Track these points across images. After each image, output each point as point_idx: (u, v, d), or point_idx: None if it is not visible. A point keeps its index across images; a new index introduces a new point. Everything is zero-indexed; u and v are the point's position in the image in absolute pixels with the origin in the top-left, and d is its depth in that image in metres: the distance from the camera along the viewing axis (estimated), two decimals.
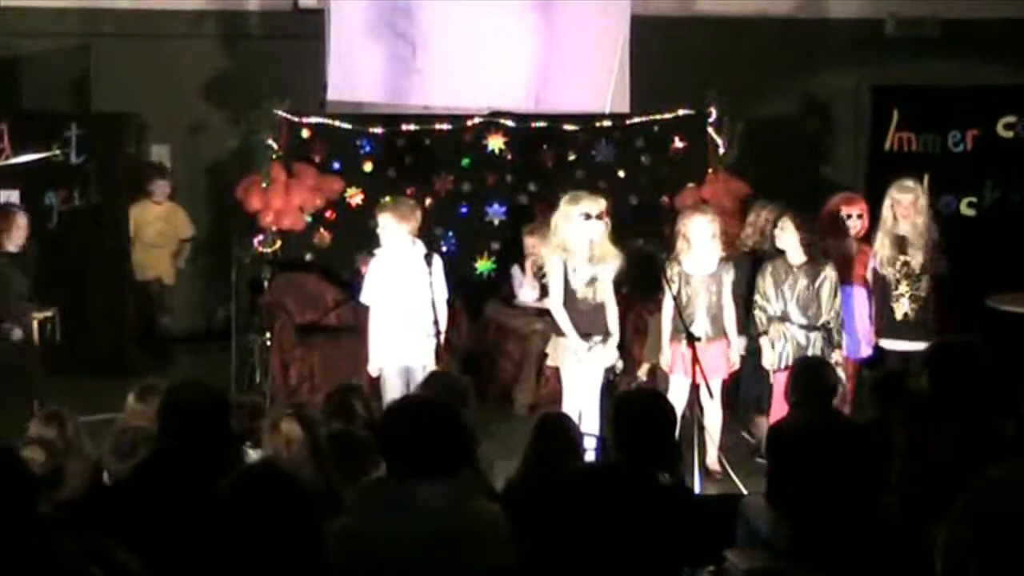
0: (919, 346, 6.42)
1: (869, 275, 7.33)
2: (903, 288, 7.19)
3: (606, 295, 6.63)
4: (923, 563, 2.15)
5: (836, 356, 6.77)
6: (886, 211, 7.25)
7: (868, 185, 9.16)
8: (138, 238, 9.68)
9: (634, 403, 3.95)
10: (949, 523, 1.89)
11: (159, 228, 9.78)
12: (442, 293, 6.90)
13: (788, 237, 6.86)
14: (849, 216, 7.44)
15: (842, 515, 2.99)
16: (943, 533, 1.91)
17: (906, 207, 7.20)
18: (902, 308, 7.21)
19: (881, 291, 7.27)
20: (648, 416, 3.82)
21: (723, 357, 6.92)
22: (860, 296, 7.35)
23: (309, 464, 4.38)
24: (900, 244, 7.20)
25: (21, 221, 7.59)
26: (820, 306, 6.82)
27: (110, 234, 9.43)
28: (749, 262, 7.19)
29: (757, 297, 6.89)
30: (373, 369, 6.99)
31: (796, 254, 6.85)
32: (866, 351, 7.31)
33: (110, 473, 4.47)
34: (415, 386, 6.37)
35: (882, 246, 7.22)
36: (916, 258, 7.17)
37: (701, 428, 6.50)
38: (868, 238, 7.42)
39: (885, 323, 7.23)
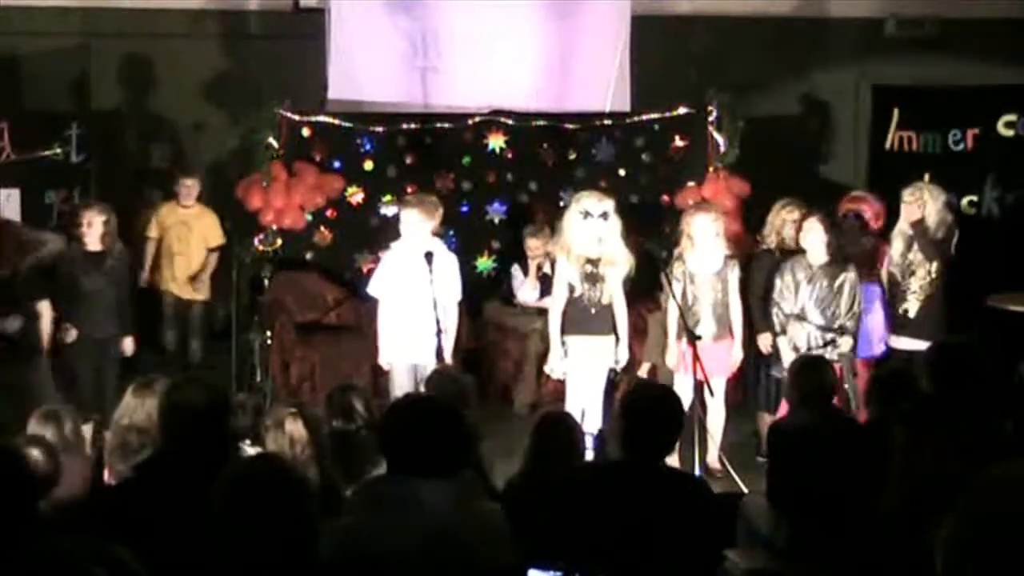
0: (926, 345, 6.41)
1: (884, 274, 7.39)
2: (911, 286, 7.24)
3: (614, 296, 6.62)
4: (923, 563, 2.15)
5: (844, 354, 6.78)
6: (902, 211, 7.35)
7: (869, 184, 9.17)
8: (161, 246, 9.06)
9: (646, 399, 3.94)
10: (949, 523, 1.89)
11: (179, 233, 9.04)
12: (454, 293, 6.89)
13: (814, 237, 6.83)
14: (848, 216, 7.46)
15: (842, 515, 2.98)
16: (943, 533, 1.91)
17: (913, 208, 7.26)
18: (910, 306, 7.26)
19: (891, 289, 7.33)
20: (660, 412, 3.82)
21: (728, 355, 6.91)
22: (872, 293, 7.35)
23: (313, 463, 4.38)
24: (910, 243, 7.26)
25: (98, 218, 7.33)
26: (839, 307, 6.80)
27: None
28: (771, 260, 7.20)
29: (775, 296, 6.89)
30: (383, 363, 6.98)
31: (819, 254, 6.83)
32: (879, 348, 7.33)
33: (113, 472, 4.47)
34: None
35: (895, 245, 7.35)
36: (924, 257, 7.21)
37: (703, 427, 6.49)
38: (884, 235, 7.45)
39: (895, 321, 7.29)
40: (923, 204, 7.31)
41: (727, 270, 6.92)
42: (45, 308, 6.99)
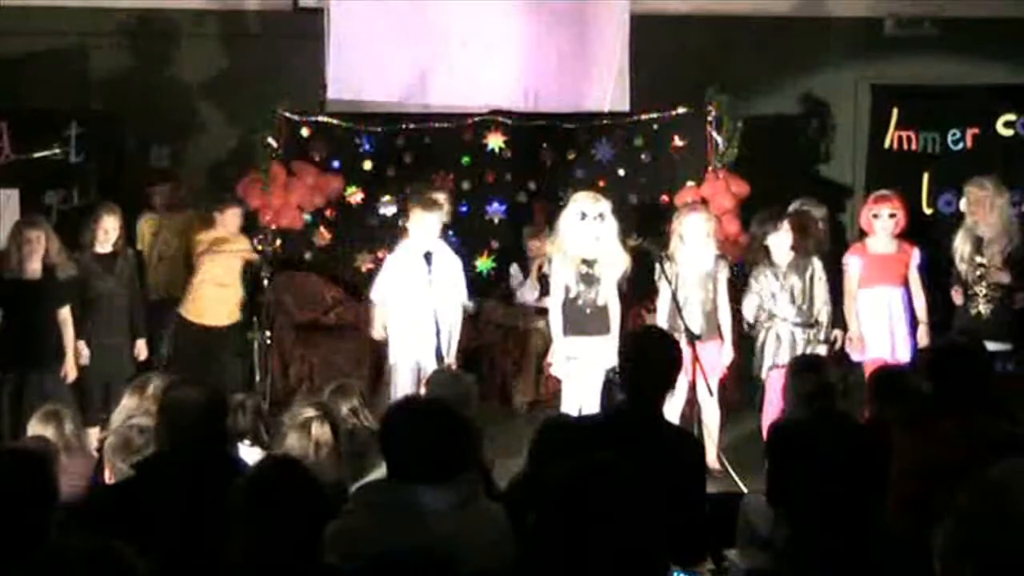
0: (994, 346, 6.33)
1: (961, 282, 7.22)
2: (978, 288, 7.13)
3: (609, 297, 6.63)
4: (923, 563, 2.15)
5: (823, 350, 6.79)
6: (964, 209, 7.27)
7: (868, 184, 9.16)
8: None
9: (645, 342, 4.10)
10: (948, 523, 1.89)
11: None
12: (461, 294, 6.94)
13: (783, 236, 6.83)
14: (878, 216, 7.33)
15: (842, 515, 2.98)
16: (942, 533, 1.91)
17: (977, 204, 7.15)
18: (976, 308, 7.14)
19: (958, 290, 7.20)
20: (659, 355, 3.95)
21: (719, 356, 6.92)
22: (896, 296, 7.27)
23: (334, 465, 4.38)
24: (978, 244, 7.13)
25: (116, 222, 7.28)
26: (814, 300, 6.82)
27: None
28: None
29: (747, 301, 6.89)
30: (393, 361, 7.00)
31: (785, 254, 6.85)
32: (904, 353, 7.19)
33: (113, 471, 4.47)
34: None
35: (961, 245, 7.19)
36: (994, 259, 7.09)
37: (701, 426, 6.50)
38: (906, 236, 7.35)
39: (961, 322, 7.17)
40: (990, 198, 7.12)
41: (717, 270, 6.92)
42: (67, 314, 6.94)
